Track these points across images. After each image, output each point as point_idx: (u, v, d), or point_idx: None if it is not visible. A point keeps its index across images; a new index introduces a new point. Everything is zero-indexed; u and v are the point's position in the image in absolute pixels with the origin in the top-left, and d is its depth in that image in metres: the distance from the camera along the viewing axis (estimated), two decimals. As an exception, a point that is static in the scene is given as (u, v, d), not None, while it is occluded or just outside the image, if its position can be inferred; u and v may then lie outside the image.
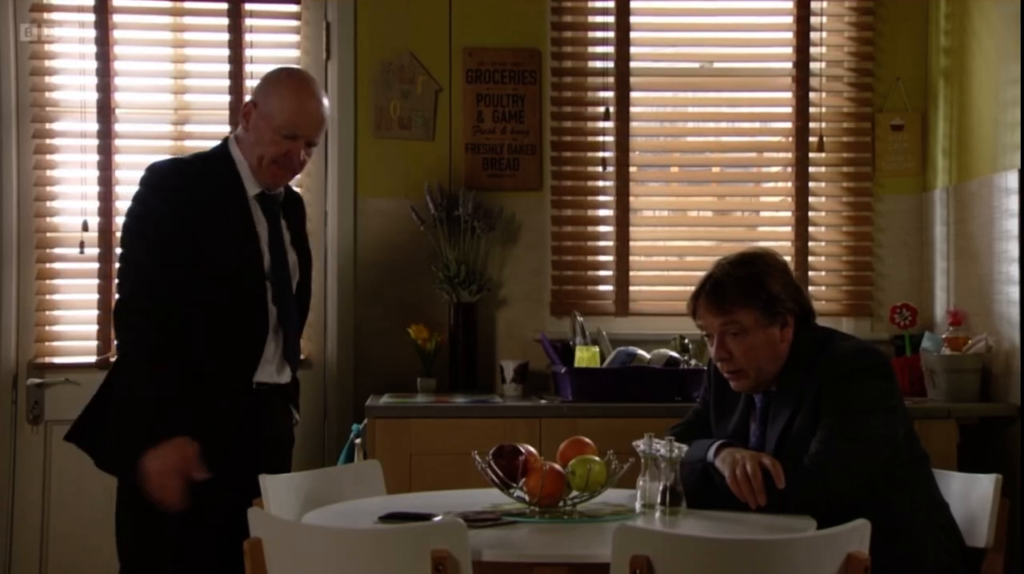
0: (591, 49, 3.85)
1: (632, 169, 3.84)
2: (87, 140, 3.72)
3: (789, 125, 3.87)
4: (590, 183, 3.84)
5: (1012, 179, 3.23)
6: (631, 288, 3.82)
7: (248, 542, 1.96)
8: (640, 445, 2.22)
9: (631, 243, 3.83)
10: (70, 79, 3.75)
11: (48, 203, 3.73)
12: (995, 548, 2.36)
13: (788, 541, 1.88)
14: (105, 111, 3.72)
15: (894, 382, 2.35)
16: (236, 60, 3.75)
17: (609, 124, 3.82)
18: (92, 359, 3.69)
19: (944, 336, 3.43)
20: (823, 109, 3.84)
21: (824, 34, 3.84)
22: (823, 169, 3.87)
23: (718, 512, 2.21)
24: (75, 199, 3.73)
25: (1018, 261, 3.20)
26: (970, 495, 2.43)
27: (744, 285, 2.31)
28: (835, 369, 2.28)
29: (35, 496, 3.65)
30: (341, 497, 2.48)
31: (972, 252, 3.48)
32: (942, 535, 2.30)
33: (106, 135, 3.72)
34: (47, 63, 3.74)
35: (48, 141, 3.73)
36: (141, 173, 2.64)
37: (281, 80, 2.64)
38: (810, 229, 3.85)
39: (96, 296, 3.70)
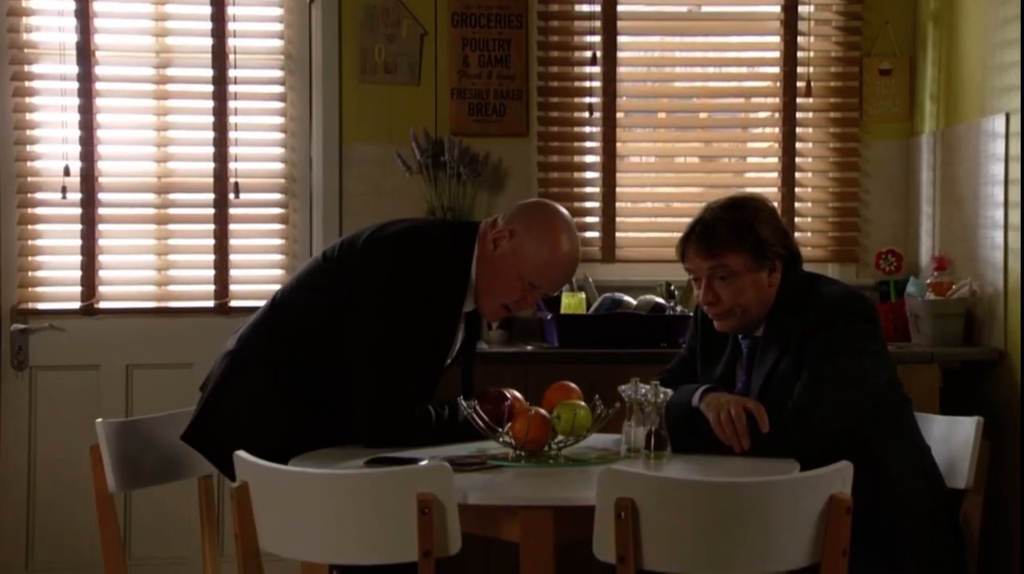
0: (578, -8, 3.81)
1: (619, 115, 3.82)
2: (67, 83, 3.66)
3: (777, 70, 3.84)
4: (576, 129, 3.82)
5: (999, 123, 3.22)
6: (617, 234, 3.81)
7: (235, 486, 1.97)
8: (626, 390, 2.23)
9: (617, 189, 3.81)
10: (48, 20, 3.68)
11: (28, 147, 3.69)
12: (975, 489, 2.39)
13: (771, 483, 1.89)
14: (85, 53, 3.66)
15: (878, 327, 2.35)
16: (218, 2, 3.69)
17: (596, 69, 3.78)
18: (76, 305, 3.67)
19: (928, 281, 3.44)
20: (811, 54, 3.81)
21: (813, -23, 3.81)
22: (810, 115, 3.85)
23: (703, 456, 2.22)
24: (56, 143, 3.67)
25: (1003, 206, 3.20)
26: (952, 438, 2.45)
27: (734, 229, 2.30)
28: (820, 314, 2.29)
29: (21, 441, 3.65)
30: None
31: (958, 197, 3.48)
32: (922, 478, 2.33)
33: (86, 78, 3.66)
34: (24, 3, 3.67)
35: (27, 84, 3.68)
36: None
37: (546, 222, 2.41)
38: (796, 175, 3.84)
39: (79, 242, 3.67)
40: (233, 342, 2.50)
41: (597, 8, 3.78)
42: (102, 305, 3.69)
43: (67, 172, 3.63)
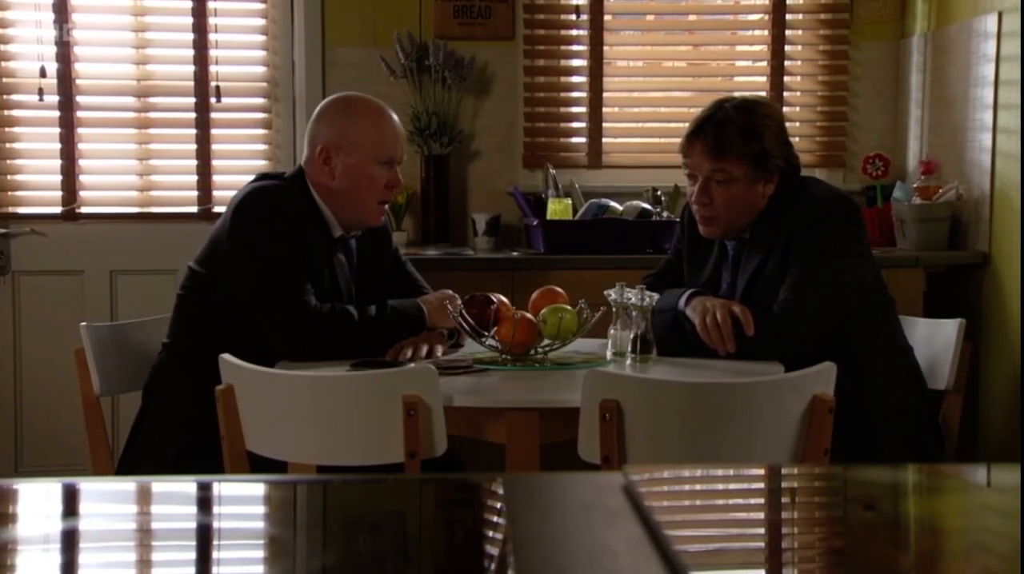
0: None
1: (607, 17, 3.75)
2: (41, -17, 3.58)
3: (767, -30, 3.77)
4: (563, 32, 3.75)
5: (991, 22, 3.17)
6: (604, 140, 3.78)
7: (220, 389, 1.97)
8: (612, 294, 2.23)
9: (604, 94, 3.77)
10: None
11: (3, 47, 3.61)
12: (955, 389, 2.41)
13: (755, 383, 1.91)
14: (58, -49, 3.56)
15: (862, 228, 2.35)
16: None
17: (583, -31, 3.71)
18: (58, 210, 3.64)
19: (915, 186, 3.43)
20: (802, -47, 3.75)
21: None
22: (800, 16, 3.79)
23: (688, 359, 2.23)
24: (31, 43, 3.60)
25: (993, 108, 3.17)
26: (934, 340, 2.47)
27: (744, 135, 2.27)
28: (805, 215, 2.28)
29: (6, 346, 3.65)
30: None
31: (947, 100, 3.45)
32: (904, 377, 2.35)
33: (61, -22, 3.57)
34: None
35: (-1, -16, 3.59)
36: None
37: (348, 106, 2.42)
38: (785, 79, 3.80)
39: (58, 146, 3.62)
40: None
41: (584, -94, 3.69)
42: (84, 210, 3.66)
43: (43, 73, 3.56)
